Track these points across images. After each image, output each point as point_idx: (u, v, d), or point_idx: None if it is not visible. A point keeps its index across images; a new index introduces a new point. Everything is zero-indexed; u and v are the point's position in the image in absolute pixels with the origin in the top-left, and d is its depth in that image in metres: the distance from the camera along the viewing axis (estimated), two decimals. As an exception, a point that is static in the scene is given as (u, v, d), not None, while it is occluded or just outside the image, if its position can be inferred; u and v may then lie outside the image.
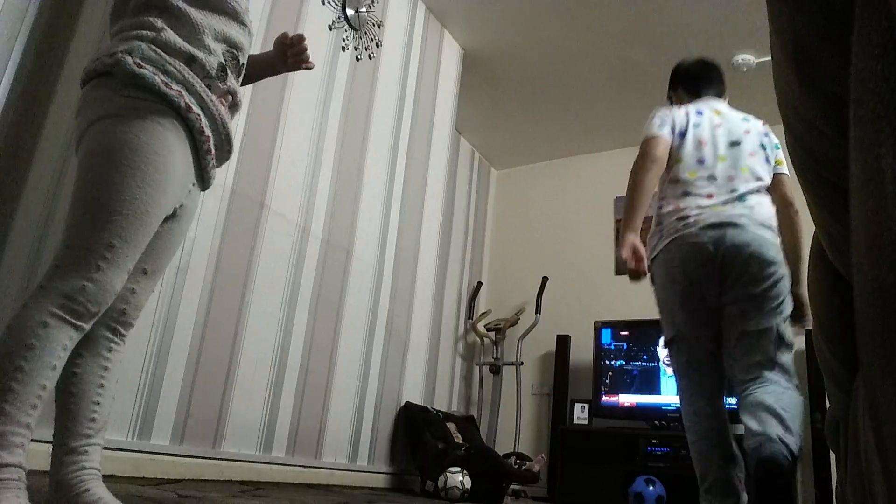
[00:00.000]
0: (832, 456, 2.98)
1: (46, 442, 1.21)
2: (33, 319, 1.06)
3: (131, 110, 1.18)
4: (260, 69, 1.62)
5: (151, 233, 1.20)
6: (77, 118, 1.25)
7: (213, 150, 1.30)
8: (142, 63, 1.19)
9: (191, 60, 1.26)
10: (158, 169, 1.18)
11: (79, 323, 1.10)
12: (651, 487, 3.38)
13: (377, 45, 3.36)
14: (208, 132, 1.27)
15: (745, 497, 1.92)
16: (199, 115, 1.24)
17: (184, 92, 1.22)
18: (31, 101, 1.92)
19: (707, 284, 2.01)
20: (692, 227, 2.03)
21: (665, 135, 2.20)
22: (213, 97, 1.29)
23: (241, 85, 1.47)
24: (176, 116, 1.22)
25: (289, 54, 1.61)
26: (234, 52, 1.37)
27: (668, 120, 2.26)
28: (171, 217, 1.29)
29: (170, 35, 1.24)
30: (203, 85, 1.26)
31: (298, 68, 1.64)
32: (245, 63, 1.43)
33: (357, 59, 3.23)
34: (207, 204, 2.38)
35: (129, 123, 1.17)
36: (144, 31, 1.24)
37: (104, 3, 2.11)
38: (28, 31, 1.92)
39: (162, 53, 1.22)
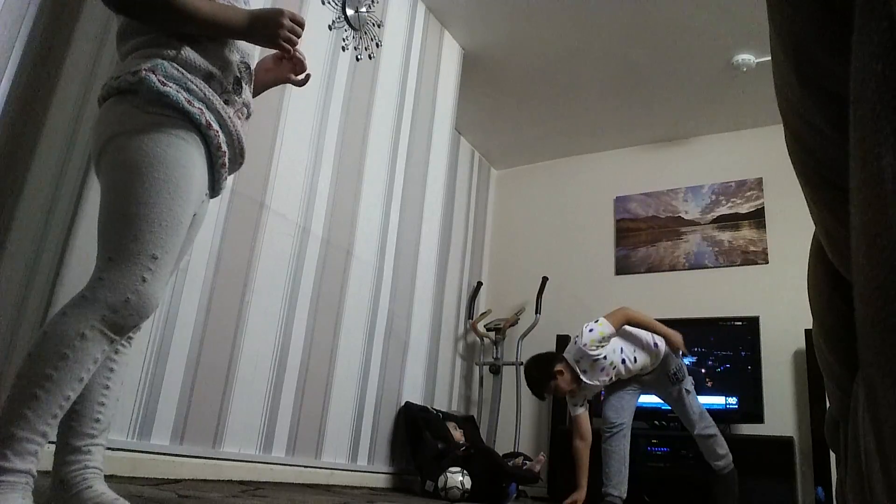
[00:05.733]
0: (832, 456, 2.98)
1: (50, 442, 1.21)
2: (71, 329, 1.07)
3: (155, 126, 1.20)
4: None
5: (181, 243, 1.23)
6: (94, 132, 1.26)
7: (227, 164, 1.34)
8: (165, 81, 1.21)
9: (209, 77, 1.29)
10: (187, 181, 1.21)
11: (115, 337, 1.12)
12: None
13: (377, 45, 3.36)
14: (225, 147, 1.31)
15: None
16: (217, 131, 1.28)
17: (205, 109, 1.25)
18: (31, 101, 1.92)
19: None
20: None
21: None
22: (231, 112, 1.31)
23: None
24: (196, 132, 1.25)
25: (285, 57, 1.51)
26: (247, 61, 1.39)
27: None
28: None
29: (189, 53, 1.27)
30: (221, 101, 1.29)
31: (295, 70, 1.52)
32: (254, 69, 1.45)
33: (357, 59, 3.23)
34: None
35: (156, 139, 1.19)
36: (165, 50, 1.26)
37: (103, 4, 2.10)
38: (28, 31, 1.92)
39: (184, 71, 1.24)
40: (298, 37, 1.37)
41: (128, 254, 1.13)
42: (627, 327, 3.08)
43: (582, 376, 3.02)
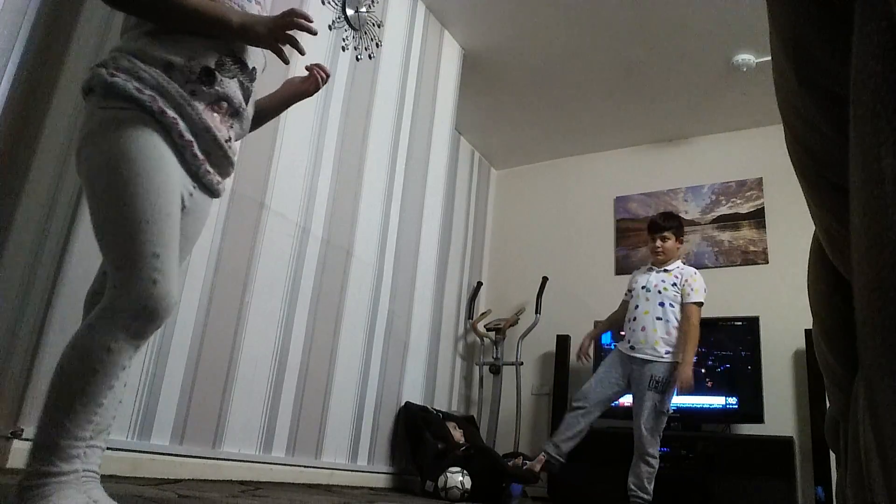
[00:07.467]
0: (832, 456, 2.98)
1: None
2: (98, 343, 1.10)
3: (112, 122, 1.19)
4: (275, 107, 1.60)
5: (178, 234, 1.21)
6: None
7: (200, 155, 1.28)
8: (115, 72, 1.20)
9: (169, 67, 1.25)
10: (159, 172, 1.19)
11: (140, 342, 1.14)
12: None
13: (377, 45, 3.35)
14: (189, 136, 1.25)
15: None
16: (175, 118, 1.22)
17: (157, 97, 1.21)
18: (31, 101, 1.92)
19: None
20: None
21: None
22: (196, 103, 1.26)
23: (254, 126, 1.47)
24: (153, 122, 1.21)
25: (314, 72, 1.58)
26: (239, 55, 1.36)
27: None
28: None
29: (146, 44, 1.25)
30: (183, 91, 1.24)
31: (316, 83, 1.60)
32: (255, 67, 1.41)
33: (357, 59, 3.23)
34: (207, 204, 2.38)
35: (117, 135, 1.18)
36: (126, 44, 1.26)
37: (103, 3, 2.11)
38: (28, 31, 1.92)
39: (136, 61, 1.22)
40: (299, 28, 1.34)
41: (131, 258, 1.13)
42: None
43: (665, 265, 3.34)
